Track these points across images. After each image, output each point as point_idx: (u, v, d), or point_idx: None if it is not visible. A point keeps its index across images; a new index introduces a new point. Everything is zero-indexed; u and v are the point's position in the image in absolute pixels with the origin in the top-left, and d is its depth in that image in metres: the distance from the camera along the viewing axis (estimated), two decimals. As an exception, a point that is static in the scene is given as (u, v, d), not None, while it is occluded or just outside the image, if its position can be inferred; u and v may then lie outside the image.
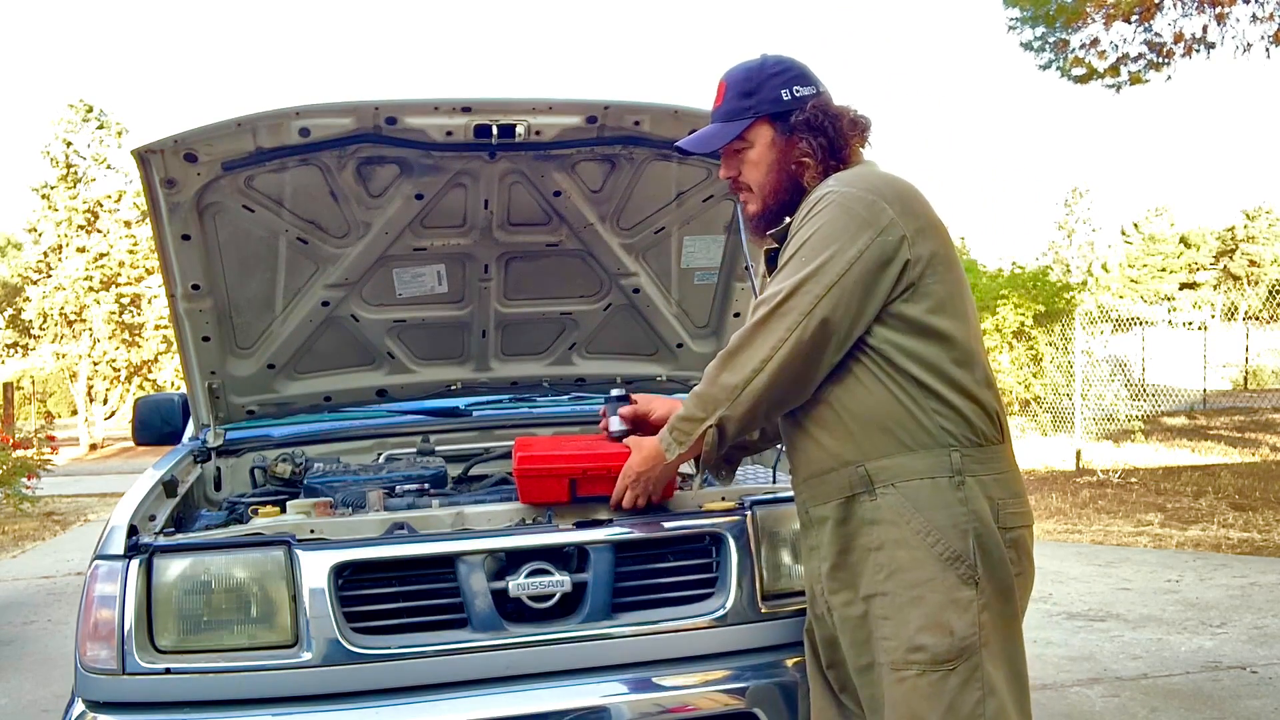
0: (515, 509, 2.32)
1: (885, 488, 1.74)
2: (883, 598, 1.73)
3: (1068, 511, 8.37)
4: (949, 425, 1.74)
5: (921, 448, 1.73)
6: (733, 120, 1.88)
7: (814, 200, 1.79)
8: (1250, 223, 40.22)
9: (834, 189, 1.78)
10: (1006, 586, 1.73)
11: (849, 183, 1.79)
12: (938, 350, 1.75)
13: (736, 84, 1.89)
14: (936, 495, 1.72)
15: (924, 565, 1.70)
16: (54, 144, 21.43)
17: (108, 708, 1.90)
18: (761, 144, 1.88)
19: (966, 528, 1.71)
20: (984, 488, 1.74)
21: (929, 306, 1.75)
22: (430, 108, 2.44)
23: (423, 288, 2.94)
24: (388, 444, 3.09)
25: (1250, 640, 4.51)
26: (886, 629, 1.72)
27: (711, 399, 1.81)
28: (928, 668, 1.68)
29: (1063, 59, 10.96)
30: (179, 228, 2.55)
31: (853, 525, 1.78)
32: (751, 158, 1.89)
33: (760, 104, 1.87)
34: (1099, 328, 12.74)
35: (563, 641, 2.02)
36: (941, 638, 1.68)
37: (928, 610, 1.69)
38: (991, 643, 1.70)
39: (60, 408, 30.59)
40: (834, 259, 1.71)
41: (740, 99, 1.88)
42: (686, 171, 2.85)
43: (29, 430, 14.89)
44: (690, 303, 3.20)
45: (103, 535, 2.03)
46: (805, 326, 1.71)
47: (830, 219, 1.74)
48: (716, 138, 1.90)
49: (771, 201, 1.90)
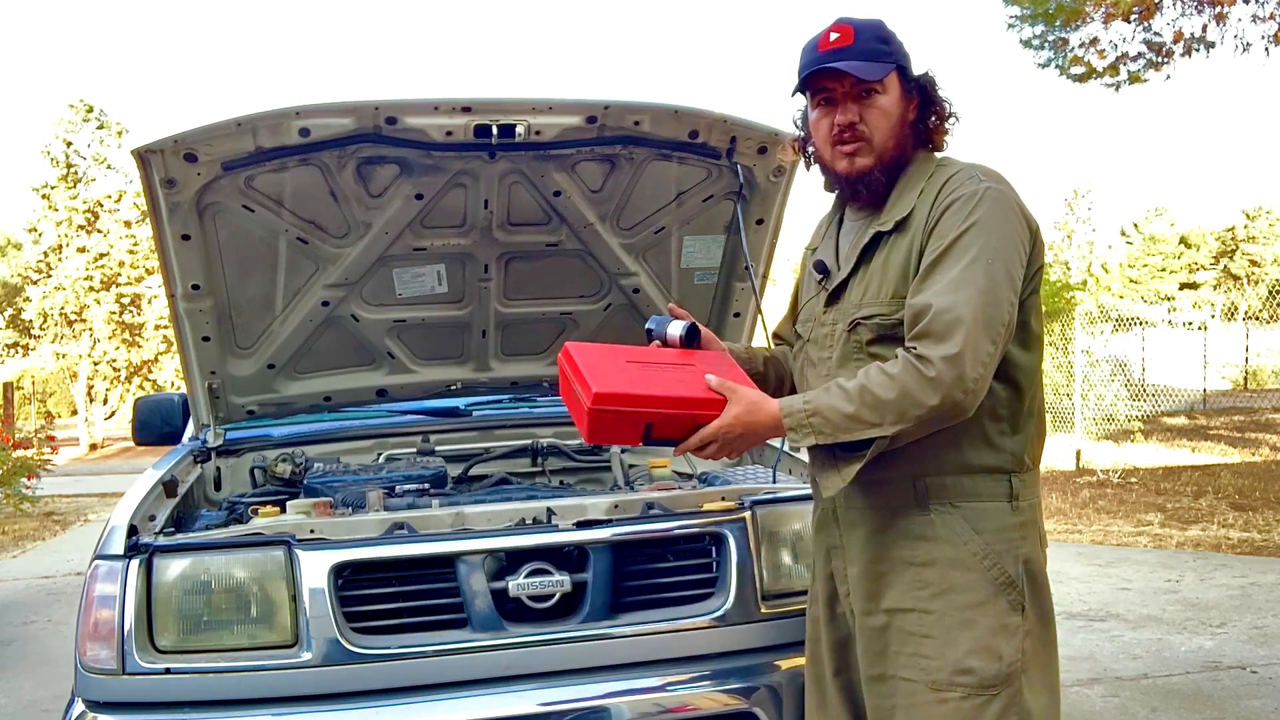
0: (515, 509, 2.32)
1: (943, 505, 1.67)
2: (923, 615, 1.67)
3: (1068, 511, 8.37)
4: (1014, 448, 1.70)
5: (985, 470, 1.68)
6: (877, 60, 1.71)
7: (964, 192, 1.65)
8: (1250, 223, 40.20)
9: (988, 184, 1.66)
10: (1047, 612, 1.71)
11: (994, 178, 1.69)
12: (1036, 359, 1.71)
13: (871, 28, 1.73)
14: (997, 519, 1.67)
15: (978, 588, 1.65)
16: (54, 144, 21.40)
17: (108, 708, 1.90)
18: (894, 93, 1.73)
19: (1019, 553, 1.67)
20: (1034, 513, 1.72)
21: (1033, 313, 1.70)
22: (430, 108, 2.44)
23: (423, 288, 2.94)
24: (388, 444, 3.09)
25: (1250, 640, 4.51)
26: (928, 648, 1.66)
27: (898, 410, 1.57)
28: (973, 691, 1.63)
29: (1062, 57, 10.96)
30: (179, 228, 2.55)
31: (892, 536, 1.71)
32: (884, 104, 1.72)
33: (897, 54, 1.74)
34: (1099, 328, 12.74)
35: (563, 641, 2.02)
36: (990, 663, 1.64)
37: (978, 634, 1.64)
38: (1031, 670, 1.67)
39: (60, 408, 30.56)
40: (1014, 269, 1.62)
41: (880, 43, 1.72)
42: (686, 171, 2.85)
43: (29, 430, 14.87)
44: (690, 303, 3.19)
45: (103, 535, 2.04)
46: (1005, 337, 1.61)
47: (1003, 219, 1.64)
48: (875, 69, 1.70)
49: (889, 158, 1.73)
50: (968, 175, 1.69)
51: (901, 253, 1.69)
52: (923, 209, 1.69)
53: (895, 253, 1.70)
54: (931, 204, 1.68)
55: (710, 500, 2.27)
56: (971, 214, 1.63)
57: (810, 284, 1.91)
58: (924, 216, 1.68)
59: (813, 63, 1.73)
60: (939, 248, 1.63)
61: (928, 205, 1.68)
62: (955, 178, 1.69)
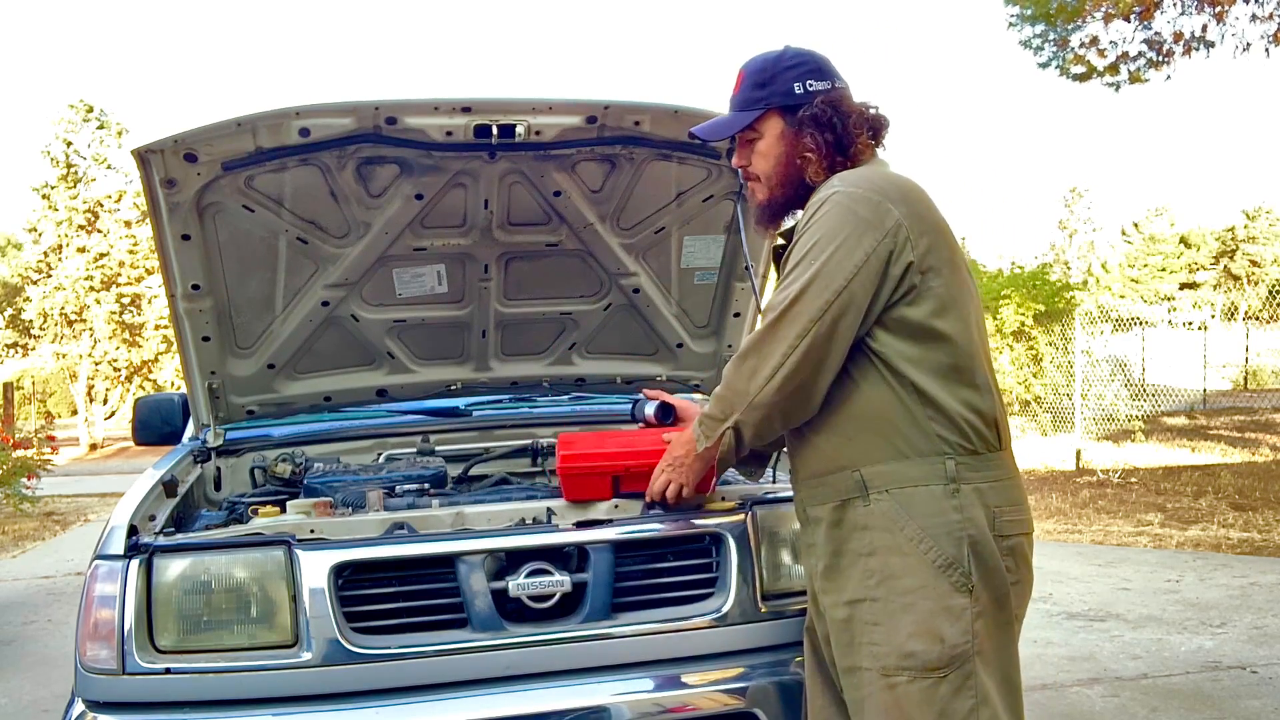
0: (515, 509, 2.32)
1: (879, 493, 1.74)
2: (873, 603, 1.73)
3: (1068, 511, 8.37)
4: (945, 432, 1.74)
5: (917, 454, 1.73)
6: (745, 110, 1.90)
7: (819, 200, 1.79)
8: (1250, 223, 40.21)
9: (838, 189, 1.78)
10: (1002, 594, 1.73)
11: (853, 183, 1.78)
12: (937, 355, 1.75)
13: (753, 74, 1.90)
14: (930, 502, 1.71)
15: (916, 572, 1.70)
16: (54, 144, 21.42)
17: (108, 708, 1.90)
18: (771, 135, 1.89)
19: (961, 535, 1.70)
20: (980, 495, 1.73)
21: (930, 309, 1.75)
22: (430, 108, 2.44)
23: (423, 288, 2.94)
24: (388, 444, 3.08)
25: (1250, 640, 4.51)
26: (877, 635, 1.72)
27: (728, 402, 1.82)
28: (918, 674, 1.68)
29: (1062, 57, 10.96)
30: (179, 228, 2.55)
31: (845, 529, 1.78)
32: (761, 148, 1.91)
33: (772, 95, 1.87)
34: (1099, 328, 12.74)
35: (563, 641, 2.02)
36: (932, 645, 1.68)
37: (918, 617, 1.69)
38: (986, 650, 1.69)
39: (60, 408, 30.57)
40: (841, 262, 1.71)
41: (754, 89, 1.89)
42: (686, 171, 2.85)
43: (29, 430, 14.88)
44: (690, 303, 3.20)
45: (103, 535, 2.04)
46: (816, 332, 1.71)
47: (836, 220, 1.74)
48: (727, 126, 1.93)
49: (778, 194, 1.91)
50: (830, 187, 1.80)
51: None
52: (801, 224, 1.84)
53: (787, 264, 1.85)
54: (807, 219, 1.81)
55: (710, 500, 2.27)
56: (818, 223, 1.76)
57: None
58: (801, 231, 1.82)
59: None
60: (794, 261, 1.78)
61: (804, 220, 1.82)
62: (821, 190, 1.81)
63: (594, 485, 2.25)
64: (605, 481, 2.24)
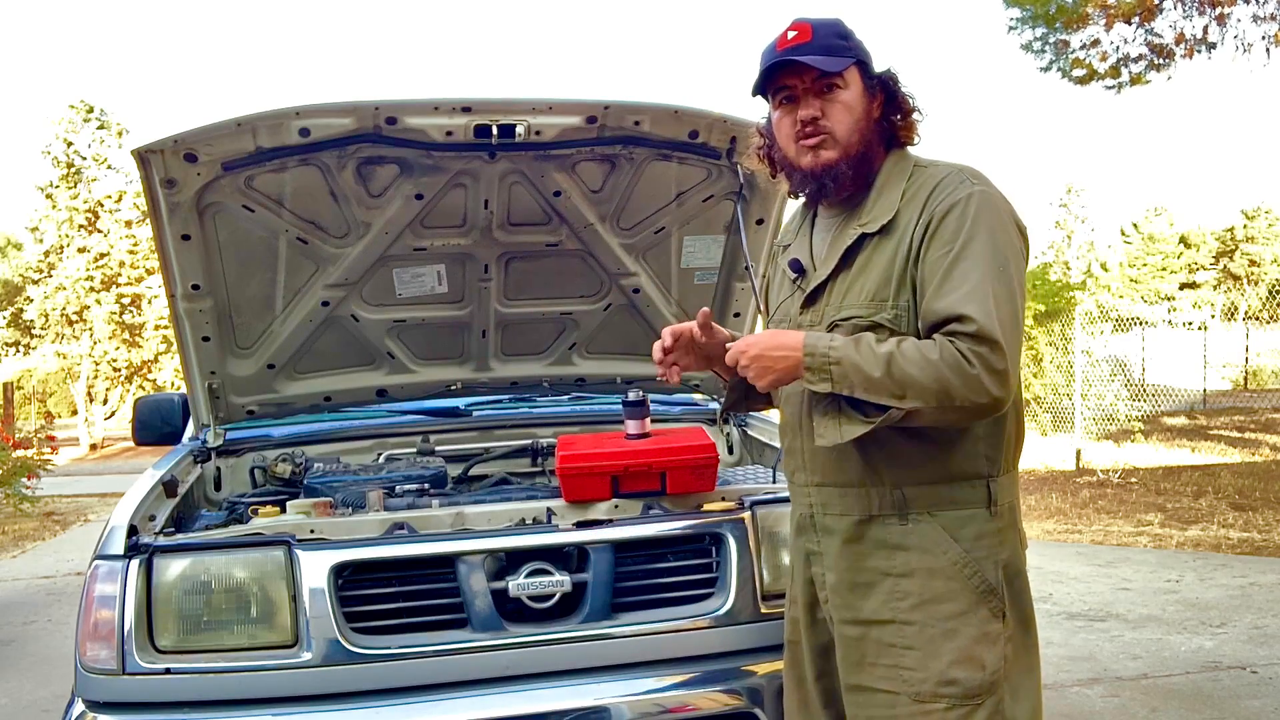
0: (515, 509, 2.32)
1: (921, 514, 1.65)
2: (904, 626, 1.65)
3: (1068, 511, 8.36)
4: (991, 453, 1.67)
5: (963, 477, 1.66)
6: (835, 55, 1.69)
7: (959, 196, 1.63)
8: (1250, 223, 40.19)
9: (979, 187, 1.65)
10: (1027, 617, 1.70)
11: (982, 181, 1.67)
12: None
13: (829, 25, 1.72)
14: (975, 526, 1.65)
15: (959, 598, 1.63)
16: (55, 144, 21.42)
17: (108, 708, 1.90)
18: (856, 88, 1.71)
19: (998, 559, 1.66)
20: (1012, 515, 1.70)
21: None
22: (430, 108, 2.44)
23: (423, 288, 2.94)
24: (388, 444, 3.09)
25: (1250, 640, 4.50)
26: (910, 659, 1.64)
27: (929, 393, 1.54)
28: (958, 702, 1.62)
29: (1063, 60, 10.94)
30: (179, 228, 2.55)
31: (866, 546, 1.69)
32: (847, 99, 1.70)
33: (857, 49, 1.72)
34: (1099, 327, 12.73)
35: (563, 642, 2.02)
36: (974, 672, 1.62)
37: (961, 644, 1.62)
38: (1012, 676, 1.66)
39: (60, 408, 30.55)
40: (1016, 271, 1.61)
41: (838, 38, 1.71)
42: (686, 171, 2.85)
43: (29, 430, 14.87)
44: (690, 303, 3.19)
45: (103, 535, 2.04)
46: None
47: (1004, 225, 1.63)
48: (835, 62, 1.68)
49: (854, 153, 1.71)
50: (958, 179, 1.66)
51: (886, 255, 1.67)
52: (909, 211, 1.66)
53: (879, 255, 1.67)
54: (922, 207, 1.65)
55: (710, 500, 2.27)
56: (976, 220, 1.60)
57: (785, 283, 1.87)
58: (911, 220, 1.65)
59: (772, 59, 1.71)
60: (949, 253, 1.59)
61: (916, 208, 1.66)
62: (945, 181, 1.66)
63: (594, 485, 2.26)
64: (605, 482, 2.26)
